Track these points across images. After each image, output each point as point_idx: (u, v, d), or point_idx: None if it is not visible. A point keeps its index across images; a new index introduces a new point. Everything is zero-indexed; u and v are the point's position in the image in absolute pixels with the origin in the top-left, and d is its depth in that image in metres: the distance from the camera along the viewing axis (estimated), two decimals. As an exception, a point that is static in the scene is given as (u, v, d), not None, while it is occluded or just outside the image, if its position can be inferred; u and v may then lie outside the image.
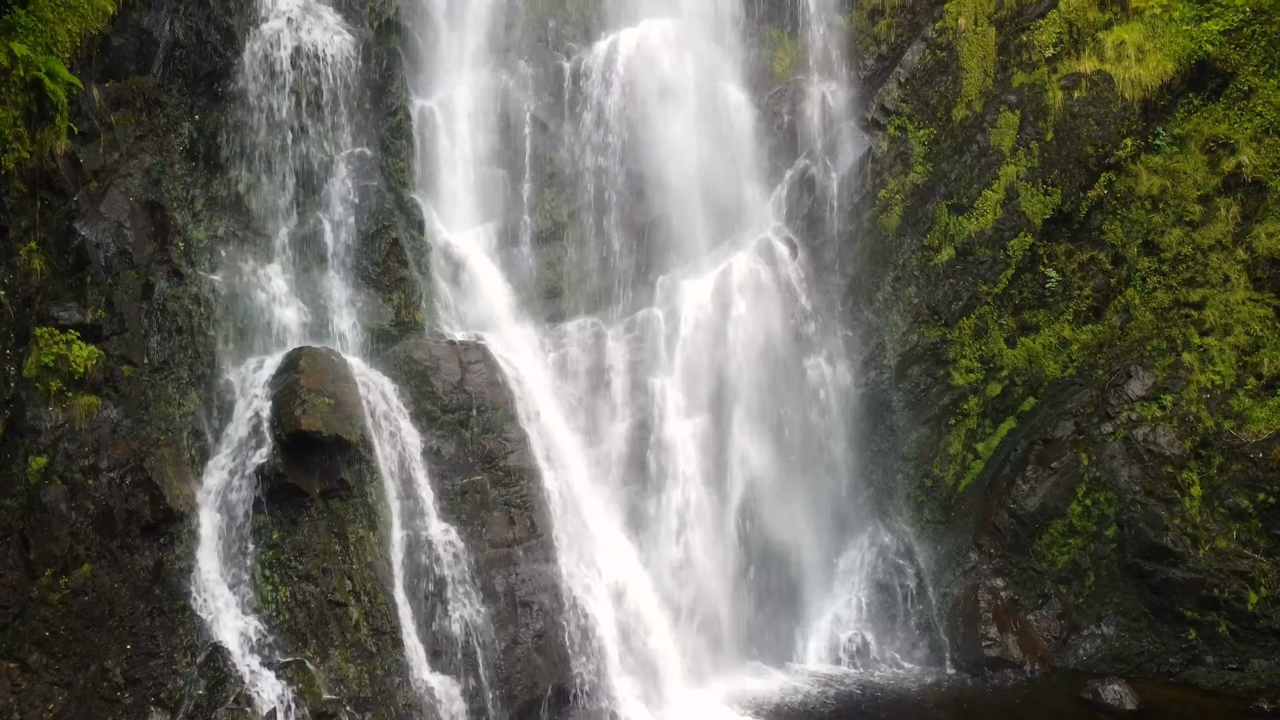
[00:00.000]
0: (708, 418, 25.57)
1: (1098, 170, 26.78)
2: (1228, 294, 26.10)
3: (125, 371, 19.78)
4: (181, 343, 20.81)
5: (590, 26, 27.32)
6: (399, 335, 23.25)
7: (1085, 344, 26.74)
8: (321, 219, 23.40)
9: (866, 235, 27.67)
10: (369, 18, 25.21)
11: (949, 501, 26.32)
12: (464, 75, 26.62)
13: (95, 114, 21.16)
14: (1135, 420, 25.23)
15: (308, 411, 19.88)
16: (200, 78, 23.20)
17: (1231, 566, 23.73)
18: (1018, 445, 26.07)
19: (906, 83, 28.09)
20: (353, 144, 24.21)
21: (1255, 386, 25.22)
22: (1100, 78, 27.03)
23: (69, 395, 18.77)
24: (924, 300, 26.97)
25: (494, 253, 26.00)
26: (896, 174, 27.89)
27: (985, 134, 27.26)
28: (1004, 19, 28.02)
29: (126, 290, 20.24)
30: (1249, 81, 26.80)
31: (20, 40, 19.64)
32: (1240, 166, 26.51)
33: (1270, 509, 24.01)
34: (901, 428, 26.75)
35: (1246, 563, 23.72)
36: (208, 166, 22.75)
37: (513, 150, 26.48)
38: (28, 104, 19.56)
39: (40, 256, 19.35)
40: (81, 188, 20.41)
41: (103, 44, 21.60)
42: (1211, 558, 23.87)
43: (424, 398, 22.34)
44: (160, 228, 21.32)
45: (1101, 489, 24.92)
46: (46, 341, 18.83)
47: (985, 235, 26.82)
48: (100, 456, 18.67)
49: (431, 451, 21.74)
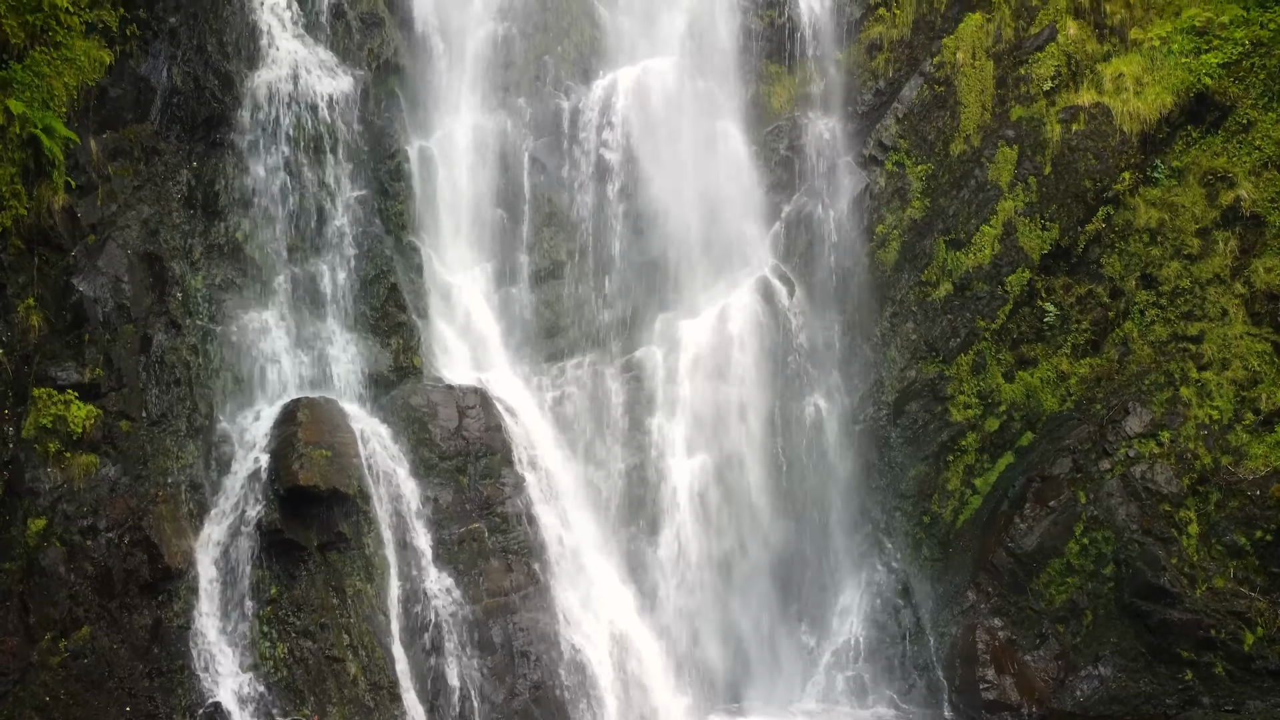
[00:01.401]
0: (706, 458, 25.63)
1: (1096, 204, 26.79)
2: (1226, 328, 26.10)
3: (123, 427, 19.91)
4: (179, 394, 20.94)
5: (589, 66, 27.34)
6: (397, 380, 23.34)
7: (1083, 377, 26.77)
8: (320, 265, 23.48)
9: (864, 271, 27.71)
10: (367, 59, 25.28)
11: (947, 538, 26.37)
12: (463, 115, 26.66)
13: (93, 166, 21.28)
14: (1133, 457, 25.26)
15: (305, 466, 20.01)
16: (198, 124, 23.30)
17: (1228, 606, 23.76)
18: (1016, 481, 26.10)
19: (904, 118, 28.11)
20: (351, 187, 24.25)
21: (1253, 422, 25.24)
22: (1099, 110, 27.03)
23: (67, 455, 18.91)
24: (922, 336, 27.01)
25: (492, 292, 26.08)
26: (894, 209, 27.93)
27: (983, 169, 27.28)
28: (1002, 52, 28.01)
29: (124, 345, 20.36)
30: (1248, 115, 26.79)
31: (16, 96, 19.78)
32: (1239, 200, 26.50)
33: (1267, 546, 24.05)
34: (900, 464, 26.79)
35: (1243, 602, 23.76)
36: (206, 214, 22.85)
37: (511, 190, 26.53)
38: (24, 160, 19.70)
39: (38, 313, 19.48)
40: (79, 242, 20.53)
41: (100, 95, 21.72)
42: (1208, 598, 23.91)
43: (421, 445, 22.45)
44: (158, 279, 21.44)
45: (1099, 527, 24.95)
46: (45, 402, 18.96)
47: (983, 270, 26.85)
48: (99, 516, 18.82)
49: (429, 500, 21.87)
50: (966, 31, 28.25)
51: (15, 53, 20.49)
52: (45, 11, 20.83)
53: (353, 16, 25.43)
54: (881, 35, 28.88)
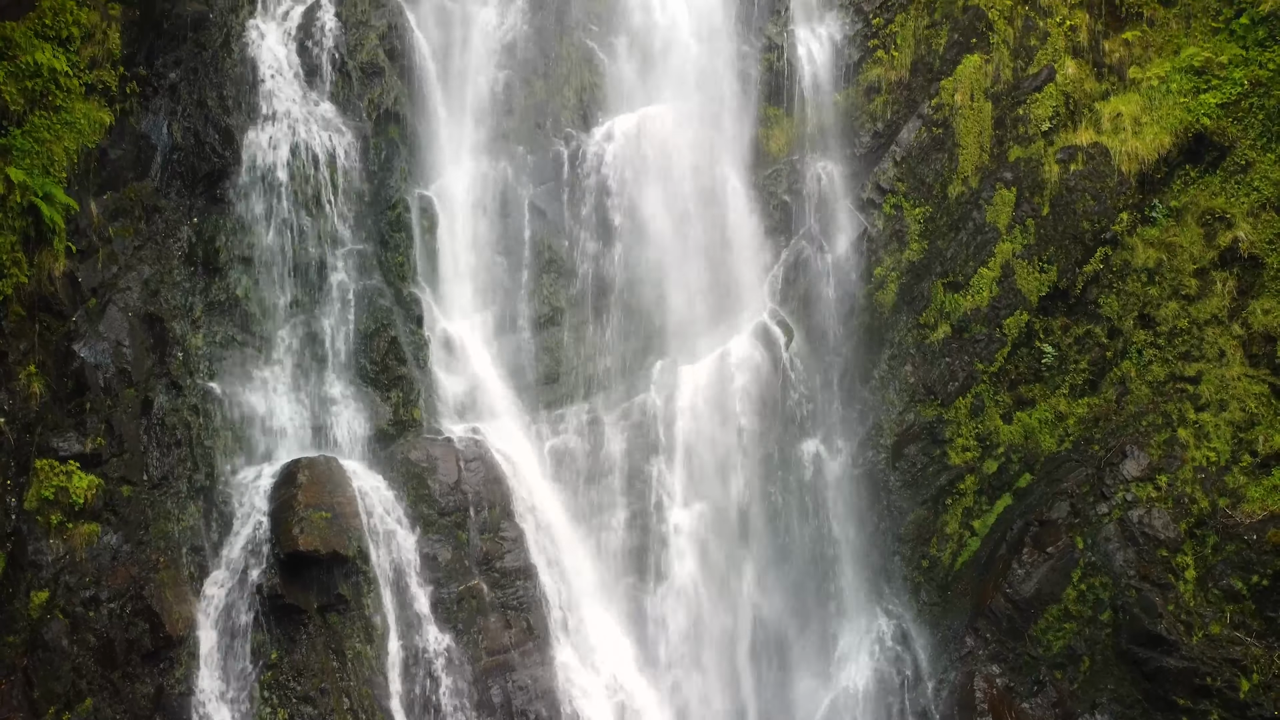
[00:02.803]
0: (706, 505, 25.77)
1: (1094, 245, 26.86)
2: (1223, 369, 26.14)
3: (124, 492, 20.12)
4: (180, 455, 21.14)
5: (588, 113, 27.43)
6: (397, 434, 23.52)
7: (1081, 418, 26.85)
8: (320, 319, 23.65)
9: (862, 312, 27.81)
10: (368, 109, 25.42)
11: (945, 581, 26.49)
12: (463, 162, 26.74)
13: (93, 229, 21.49)
14: (1130, 501, 25.33)
15: (305, 530, 20.21)
16: (199, 179, 23.51)
17: (1225, 654, 23.85)
18: (1014, 524, 26.19)
19: (902, 161, 28.19)
20: (352, 239, 24.43)
21: (1250, 464, 25.30)
22: (1097, 150, 27.10)
23: (69, 526, 19.13)
24: (920, 379, 27.11)
25: (492, 339, 26.18)
26: (892, 251, 28.02)
27: (981, 211, 27.36)
28: (1000, 93, 28.07)
29: (126, 410, 20.55)
30: (1246, 155, 26.81)
31: (16, 164, 19.98)
32: (1237, 241, 26.51)
33: (1264, 591, 24.12)
34: (899, 508, 26.89)
35: (1239, 649, 23.84)
36: (206, 271, 23.04)
37: (511, 236, 26.62)
38: (25, 228, 19.90)
39: (39, 380, 19.67)
40: (80, 306, 20.73)
41: (100, 157, 21.93)
42: (1204, 645, 23.99)
43: (421, 501, 22.64)
44: (159, 340, 21.63)
45: (1097, 573, 25.05)
46: (47, 474, 19.16)
47: (981, 313, 26.95)
48: (101, 587, 19.03)
49: (428, 558, 22.06)
50: (965, 73, 28.29)
51: (15, 119, 20.67)
52: (45, 77, 21.07)
53: (353, 66, 25.56)
54: (880, 77, 28.93)
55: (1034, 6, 28.61)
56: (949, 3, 28.75)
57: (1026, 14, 28.52)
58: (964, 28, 28.45)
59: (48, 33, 21.72)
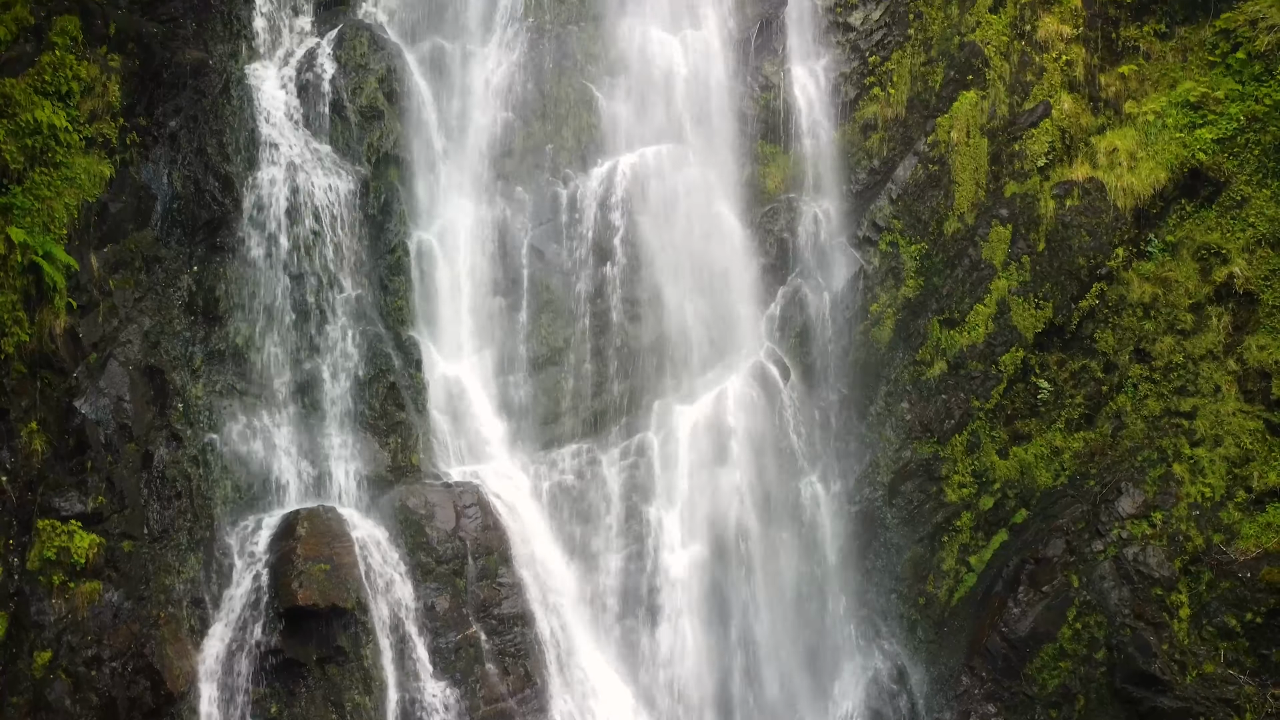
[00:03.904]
0: (704, 547, 25.94)
1: (1089, 281, 26.99)
2: (1218, 404, 26.25)
3: (125, 548, 20.35)
4: (180, 507, 21.38)
5: (587, 153, 27.60)
6: (395, 480, 23.73)
7: (1077, 452, 26.97)
8: (319, 366, 23.86)
9: (859, 348, 27.99)
10: (367, 153, 25.60)
11: (942, 617, 26.66)
12: (462, 204, 26.93)
13: (94, 284, 21.68)
14: (1125, 539, 25.47)
15: (304, 584, 20.44)
16: (199, 227, 23.72)
17: (1218, 694, 24.00)
18: (1010, 561, 26.35)
19: (898, 199, 28.35)
20: (351, 285, 24.62)
21: (1244, 500, 25.41)
22: (1092, 186, 27.22)
23: (71, 586, 19.36)
24: (916, 416, 27.28)
25: (491, 380, 26.38)
26: (888, 288, 28.19)
27: (977, 247, 27.51)
28: (997, 129, 28.20)
29: (126, 465, 20.78)
30: (1242, 191, 26.86)
31: (17, 222, 20.20)
32: (1232, 277, 26.59)
33: (1258, 629, 24.25)
34: (896, 545, 27.08)
35: (1233, 688, 23.97)
36: (207, 320, 23.26)
37: (510, 277, 26.81)
38: (25, 286, 20.12)
39: (41, 437, 19.91)
40: (81, 362, 20.95)
41: (100, 211, 22.12)
42: (1199, 685, 24.14)
43: (419, 549, 22.85)
44: (159, 392, 21.85)
45: (1092, 612, 25.20)
46: (49, 534, 19.40)
47: (977, 349, 27.11)
48: (103, 646, 19.26)
49: (426, 607, 22.27)
50: (961, 109, 28.44)
51: (15, 176, 20.89)
52: (44, 134, 21.24)
53: (352, 110, 25.74)
54: (876, 114, 29.10)
55: (1030, 42, 28.72)
56: (945, 40, 28.89)
57: (1023, 49, 28.64)
58: (960, 64, 28.59)
59: (47, 88, 21.91)
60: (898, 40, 29.57)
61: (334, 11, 27.32)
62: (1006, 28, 28.88)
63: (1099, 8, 28.89)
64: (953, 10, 29.09)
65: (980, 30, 28.85)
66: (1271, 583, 24.42)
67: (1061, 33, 28.79)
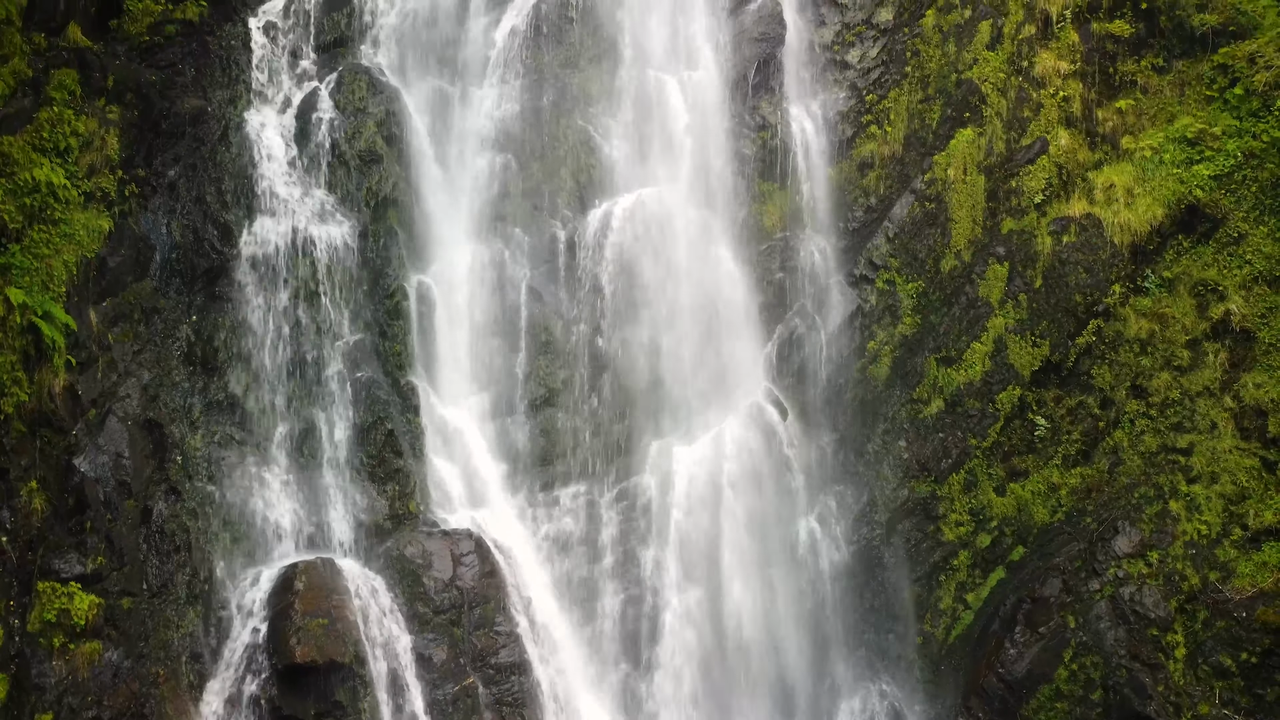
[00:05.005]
0: (700, 591, 26.03)
1: (1086, 318, 27.02)
2: (1215, 441, 26.26)
3: (125, 605, 20.54)
4: (179, 561, 21.56)
5: (585, 194, 27.68)
6: (393, 528, 23.90)
7: (1074, 488, 27.00)
8: (317, 414, 24.04)
9: (856, 386, 28.09)
10: (366, 197, 25.74)
11: (939, 655, 26.76)
12: (461, 245, 27.03)
13: (93, 339, 21.83)
14: (1122, 578, 25.53)
15: (302, 640, 20.62)
16: (198, 276, 23.88)
17: (1214, 735, 24.12)
18: (1007, 599, 26.43)
19: (895, 237, 28.44)
20: (350, 330, 24.78)
21: (1240, 537, 25.43)
22: (1089, 222, 27.23)
23: (71, 647, 19.54)
24: (914, 455, 27.37)
25: (488, 422, 26.49)
26: (885, 326, 28.28)
27: (974, 285, 27.58)
28: (993, 166, 28.25)
29: (126, 521, 20.97)
30: (1239, 228, 26.84)
31: (16, 282, 20.33)
32: (1229, 314, 26.59)
33: (1253, 669, 24.30)
34: (893, 585, 27.16)
35: (1228, 731, 24.11)
36: (205, 370, 23.43)
37: (508, 319, 26.92)
38: (25, 346, 20.25)
39: (41, 496, 20.08)
40: (80, 419, 21.11)
41: (99, 266, 22.25)
42: (1194, 727, 24.26)
43: (416, 599, 23.03)
44: (158, 445, 22.02)
45: (1088, 653, 25.27)
46: (49, 596, 19.57)
47: (974, 388, 27.18)
48: (103, 708, 19.46)
49: (424, 658, 22.45)
50: (958, 147, 28.49)
51: (13, 235, 21.03)
52: (43, 192, 21.36)
53: (351, 155, 25.88)
54: (873, 152, 29.17)
55: (1027, 78, 28.78)
56: (943, 77, 28.95)
57: (1020, 85, 28.70)
58: (957, 102, 28.65)
59: (46, 145, 22.05)
60: (895, 78, 29.64)
61: (333, 54, 27.44)
62: (1004, 64, 28.93)
63: (1096, 42, 28.89)
64: (950, 47, 29.13)
65: (978, 67, 28.90)
66: (1267, 622, 24.46)
67: (1059, 68, 28.82)
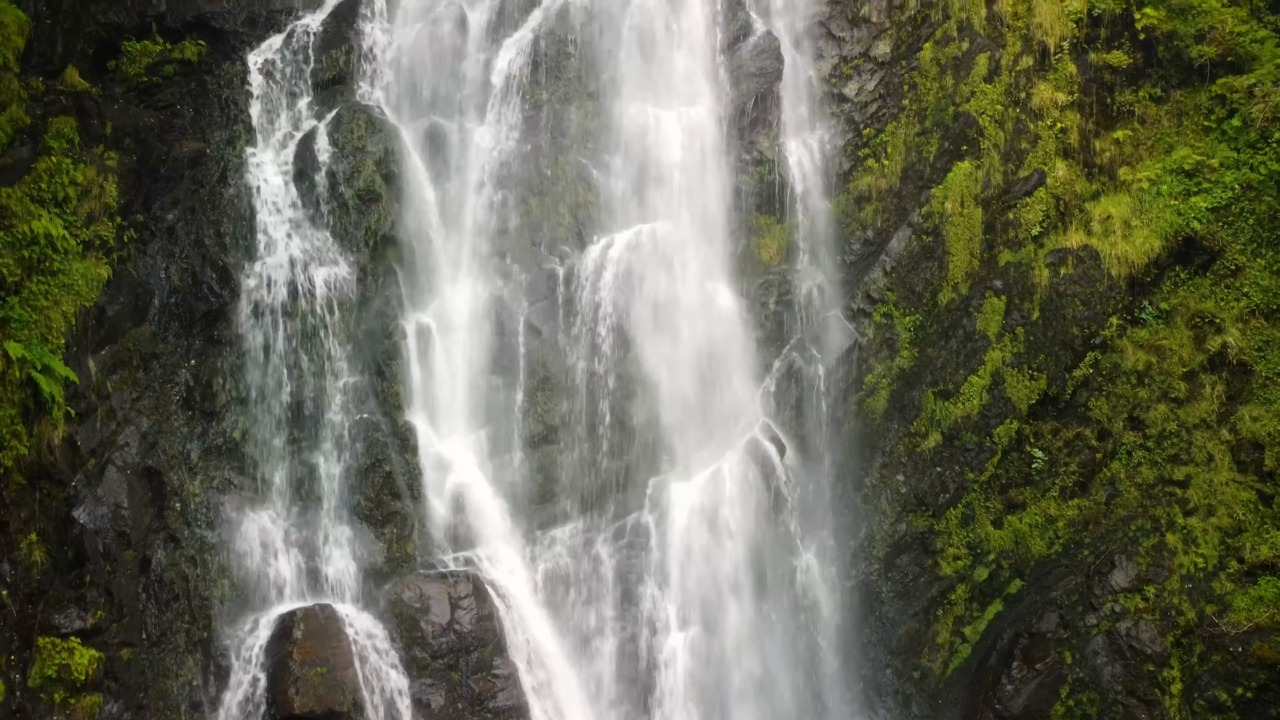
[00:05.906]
0: (699, 630, 26.12)
1: (1083, 350, 27.09)
2: (1212, 474, 26.33)
3: (124, 656, 20.71)
4: (178, 609, 21.72)
5: (583, 230, 27.74)
6: (390, 571, 24.02)
7: (1071, 520, 27.06)
8: (315, 457, 24.15)
9: (854, 420, 28.16)
10: (365, 237, 25.80)
11: (937, 690, 26.82)
12: (459, 283, 27.09)
13: (92, 389, 21.99)
14: (1118, 613, 25.60)
15: (301, 690, 20.80)
16: (196, 319, 24.01)
17: (1209, 772, 24.21)
18: (1004, 633, 26.49)
19: (892, 270, 28.50)
20: (348, 372, 24.89)
21: (1237, 571, 25.51)
22: (1087, 254, 27.29)
23: (72, 701, 19.75)
24: (912, 489, 27.44)
25: (486, 460, 26.55)
26: (883, 359, 28.35)
27: (971, 319, 27.64)
28: (991, 198, 28.30)
29: (125, 572, 21.13)
30: (1236, 260, 26.89)
31: (14, 336, 20.48)
32: (1226, 346, 26.63)
33: (1248, 704, 24.40)
34: (891, 620, 27.22)
35: (1224, 766, 24.20)
36: (204, 415, 23.56)
37: (507, 356, 26.97)
38: (24, 400, 20.40)
39: (40, 548, 20.26)
40: (79, 470, 21.27)
41: (98, 315, 22.38)
42: (1190, 764, 24.35)
43: (414, 644, 23.16)
44: (157, 493, 22.18)
45: (1085, 689, 25.33)
46: (49, 652, 19.76)
47: (971, 421, 27.25)
48: (101, 762, 19.64)
49: (421, 704, 22.57)
50: (955, 180, 28.54)
51: (12, 288, 21.15)
52: (41, 244, 21.46)
53: (350, 195, 25.94)
54: (870, 186, 29.21)
55: (1025, 109, 28.82)
56: (940, 110, 28.99)
57: (1017, 117, 28.74)
58: (955, 135, 28.70)
59: (44, 196, 22.19)
60: (892, 111, 29.68)
61: (332, 92, 27.50)
62: (1001, 96, 28.98)
63: (1094, 73, 28.94)
64: (948, 80, 29.17)
65: (975, 100, 28.94)
66: (1263, 657, 24.57)
67: (1056, 99, 28.87)
